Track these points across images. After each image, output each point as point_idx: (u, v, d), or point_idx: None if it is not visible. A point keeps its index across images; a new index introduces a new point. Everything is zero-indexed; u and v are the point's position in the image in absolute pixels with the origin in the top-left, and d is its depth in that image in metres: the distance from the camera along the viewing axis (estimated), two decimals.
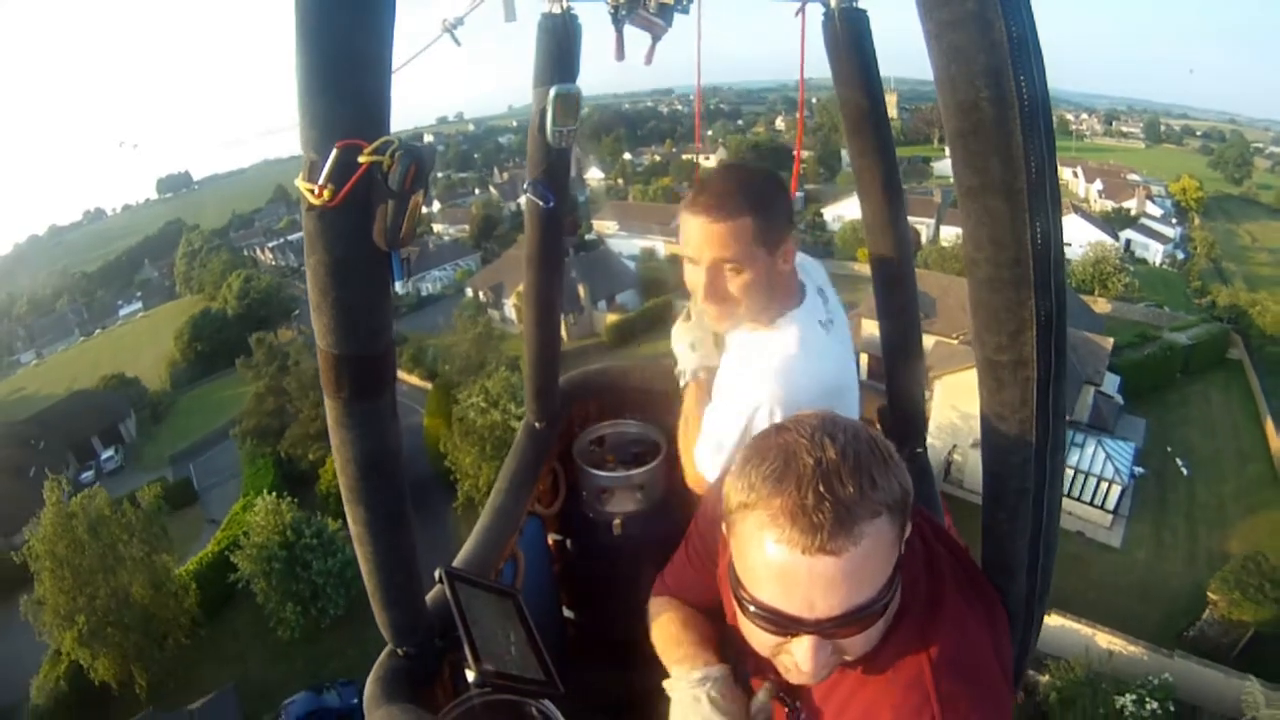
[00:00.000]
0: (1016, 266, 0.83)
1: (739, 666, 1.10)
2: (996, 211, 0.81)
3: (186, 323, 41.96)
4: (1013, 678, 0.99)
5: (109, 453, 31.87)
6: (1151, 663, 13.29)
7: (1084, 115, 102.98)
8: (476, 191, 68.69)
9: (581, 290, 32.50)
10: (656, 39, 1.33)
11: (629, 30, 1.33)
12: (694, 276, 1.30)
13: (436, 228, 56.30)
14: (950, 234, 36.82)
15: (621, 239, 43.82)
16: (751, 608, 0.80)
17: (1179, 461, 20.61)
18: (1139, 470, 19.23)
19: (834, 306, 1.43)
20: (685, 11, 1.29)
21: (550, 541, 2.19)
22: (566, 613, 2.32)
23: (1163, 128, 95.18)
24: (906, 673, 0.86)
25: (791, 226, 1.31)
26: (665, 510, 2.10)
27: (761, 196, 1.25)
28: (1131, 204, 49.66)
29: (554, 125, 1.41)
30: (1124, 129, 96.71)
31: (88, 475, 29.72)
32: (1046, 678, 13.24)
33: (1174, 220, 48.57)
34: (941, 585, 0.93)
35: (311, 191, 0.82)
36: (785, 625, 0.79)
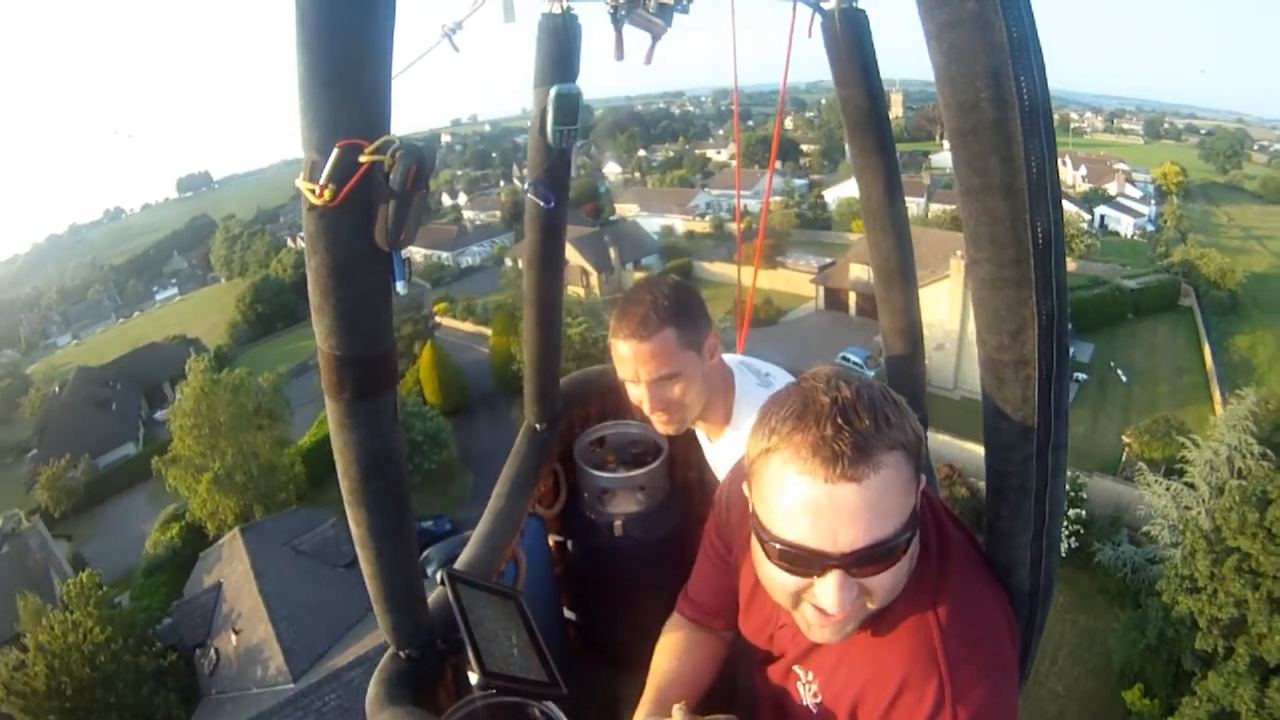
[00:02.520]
0: (1017, 266, 0.83)
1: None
2: (997, 211, 0.82)
3: (248, 288, 46.42)
4: (1018, 650, 0.99)
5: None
6: (1071, 480, 16.49)
7: (1087, 114, 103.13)
8: (501, 183, 76.05)
9: (613, 253, 37.77)
10: (656, 39, 1.33)
11: (629, 30, 1.33)
12: (636, 393, 1.41)
13: (467, 215, 62.64)
14: (935, 209, 42.52)
15: (643, 218, 49.09)
16: (777, 547, 0.81)
17: (1119, 371, 23.90)
18: (1080, 376, 22.56)
19: (759, 363, 1.56)
20: (685, 11, 1.29)
21: (551, 543, 2.18)
22: (568, 614, 2.31)
23: (1166, 126, 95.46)
24: (915, 635, 0.88)
25: (710, 324, 1.41)
26: (666, 511, 2.10)
27: (675, 306, 1.36)
28: (1112, 187, 51.82)
29: (555, 125, 1.41)
30: (1125, 126, 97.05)
31: (162, 412, 34.21)
32: (983, 485, 15.85)
33: (1152, 201, 50.93)
34: (950, 553, 0.95)
35: (313, 191, 0.82)
36: (810, 562, 0.80)
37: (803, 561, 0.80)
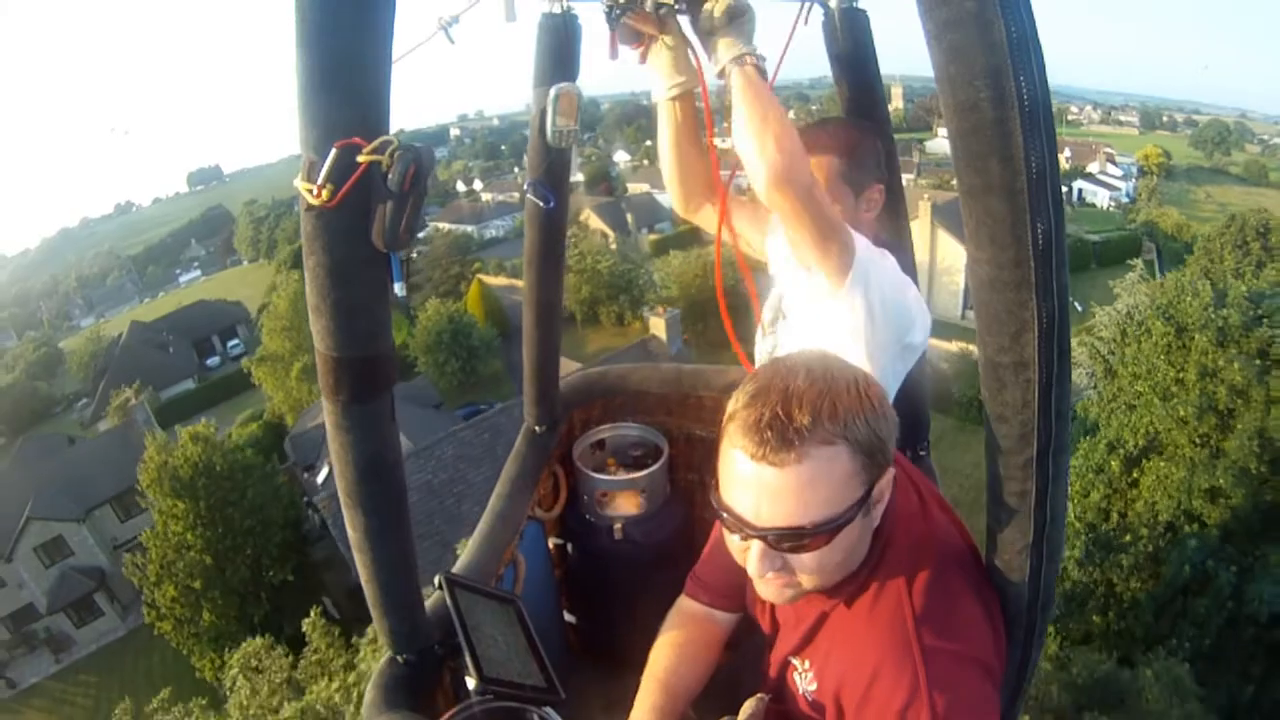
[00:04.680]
0: (1018, 268, 0.82)
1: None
2: (997, 212, 0.81)
3: (289, 252, 48.68)
4: (1004, 655, 0.99)
5: (235, 340, 41.31)
6: None
7: (1086, 107, 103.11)
8: (515, 170, 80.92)
9: (630, 218, 44.20)
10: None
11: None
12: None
13: (485, 197, 67.11)
14: (921, 182, 45.99)
15: (655, 194, 53.72)
16: (722, 513, 0.89)
17: (1075, 303, 27.65)
18: None
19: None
20: (684, 12, 1.29)
21: (551, 546, 2.17)
22: (567, 617, 2.30)
23: (1165, 119, 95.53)
24: (889, 624, 0.91)
25: (877, 178, 1.39)
26: (667, 514, 2.09)
27: (848, 141, 1.37)
28: (1094, 166, 53.79)
29: (554, 125, 1.40)
30: (1121, 118, 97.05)
31: (213, 360, 40.05)
32: (945, 366, 20.61)
33: (1133, 179, 53.13)
34: (931, 545, 0.98)
35: (310, 192, 0.82)
36: (738, 527, 0.87)
37: (733, 526, 0.87)
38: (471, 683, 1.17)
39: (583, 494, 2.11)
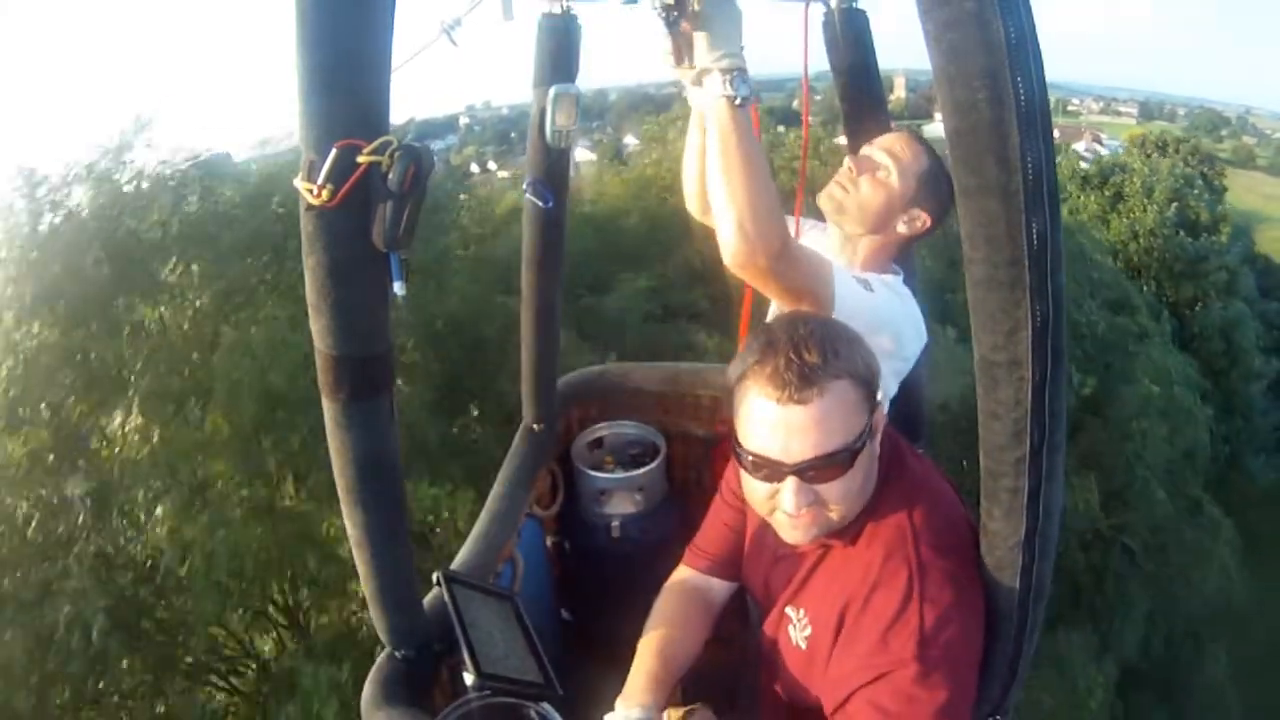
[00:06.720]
0: (1012, 267, 0.83)
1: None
2: (993, 212, 0.81)
3: None
4: (1011, 658, 1.02)
5: None
6: None
7: (1088, 100, 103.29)
8: None
9: None
10: None
11: (644, 25, 1.29)
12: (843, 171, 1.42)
13: (501, 175, 66.73)
14: None
15: None
16: (748, 459, 0.97)
17: None
18: None
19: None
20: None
21: (548, 544, 2.18)
22: (565, 615, 2.31)
23: (1165, 109, 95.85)
24: (891, 537, 1.01)
25: (928, 207, 1.38)
26: (664, 512, 2.10)
27: (919, 167, 1.37)
28: (1080, 146, 55.15)
29: (554, 126, 1.41)
30: (1121, 109, 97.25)
31: None
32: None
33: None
34: (928, 483, 1.08)
35: (310, 191, 0.82)
36: (770, 469, 0.96)
37: (765, 469, 0.96)
38: (469, 679, 1.17)
39: (580, 492, 2.11)
